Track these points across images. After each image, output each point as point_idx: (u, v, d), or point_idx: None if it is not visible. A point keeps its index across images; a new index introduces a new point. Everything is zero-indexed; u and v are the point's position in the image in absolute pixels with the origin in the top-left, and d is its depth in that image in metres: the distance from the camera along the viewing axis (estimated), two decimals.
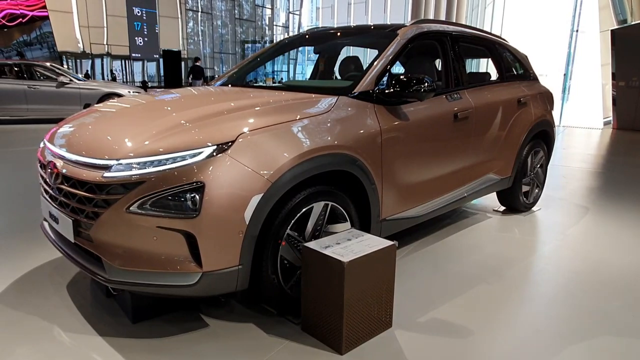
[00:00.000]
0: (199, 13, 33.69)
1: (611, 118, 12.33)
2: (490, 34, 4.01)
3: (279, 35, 42.83)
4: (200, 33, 34.29)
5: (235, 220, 1.99)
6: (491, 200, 4.53)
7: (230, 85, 3.39)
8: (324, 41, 3.81)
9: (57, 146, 2.32)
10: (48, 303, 2.49)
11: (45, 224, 2.64)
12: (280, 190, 2.10)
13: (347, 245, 2.17)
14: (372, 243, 2.21)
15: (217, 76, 35.66)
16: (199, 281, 1.99)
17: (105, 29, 27.15)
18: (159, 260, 1.98)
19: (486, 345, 2.19)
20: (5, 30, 26.00)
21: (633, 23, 12.65)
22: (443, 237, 3.62)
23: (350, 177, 2.49)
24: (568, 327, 2.35)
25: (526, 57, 4.45)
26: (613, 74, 12.24)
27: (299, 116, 2.31)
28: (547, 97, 4.40)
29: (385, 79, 2.83)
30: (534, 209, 4.42)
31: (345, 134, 2.43)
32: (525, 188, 4.21)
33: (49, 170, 2.26)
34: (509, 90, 3.90)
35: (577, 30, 14.98)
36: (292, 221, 2.22)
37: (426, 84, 2.62)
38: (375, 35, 3.31)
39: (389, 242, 2.22)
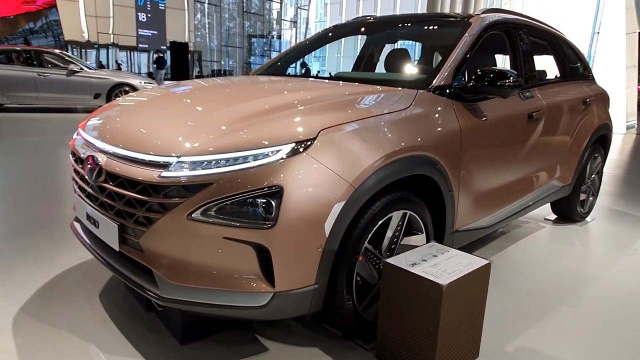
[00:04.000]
0: (207, 5, 33.30)
1: (635, 122, 11.99)
2: (553, 28, 3.69)
3: (287, 30, 42.41)
4: (207, 26, 33.92)
5: (315, 233, 1.68)
6: (541, 207, 4.22)
7: (275, 76, 3.07)
8: (380, 31, 3.48)
9: (98, 138, 2.01)
10: (80, 316, 2.19)
11: (77, 224, 2.34)
12: (363, 198, 1.80)
13: (436, 262, 1.87)
14: (463, 261, 1.90)
15: (223, 70, 35.11)
16: (270, 302, 1.68)
17: (111, 19, 26.80)
18: (224, 276, 1.68)
19: None
20: (12, 17, 25.67)
21: None
22: (500, 250, 3.32)
23: (426, 183, 2.18)
24: None
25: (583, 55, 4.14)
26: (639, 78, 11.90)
27: (381, 111, 2.00)
28: (606, 99, 4.09)
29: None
30: (587, 218, 4.11)
31: (427, 134, 2.12)
32: (582, 196, 3.89)
33: (88, 165, 1.94)
34: (575, 90, 3.58)
35: (598, 32, 14.62)
36: (371, 233, 1.91)
37: (512, 79, 2.31)
38: (443, 25, 2.99)
39: (482, 260, 1.91)
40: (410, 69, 2.87)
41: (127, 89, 10.74)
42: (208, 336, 2.04)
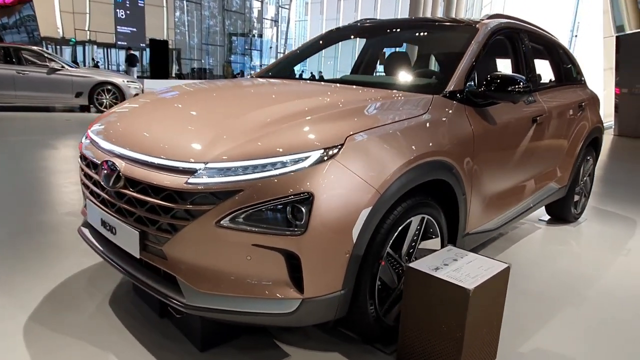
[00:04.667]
0: (186, 2, 32.88)
1: (612, 124, 12.36)
2: (548, 32, 3.77)
3: (267, 29, 42.20)
4: (187, 23, 33.49)
5: (343, 239, 1.69)
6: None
7: (285, 80, 3.05)
8: (383, 34, 3.50)
9: (115, 142, 1.96)
10: (93, 324, 2.14)
11: (85, 230, 2.29)
12: (387, 203, 1.81)
13: (458, 267, 1.89)
14: (483, 264, 1.93)
15: (203, 69, 34.55)
16: (298, 309, 1.68)
17: (87, 15, 26.21)
18: (251, 283, 1.67)
19: None
20: None
21: (636, 30, 12.69)
22: (500, 251, 3.38)
23: (441, 188, 2.20)
24: None
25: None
26: (616, 81, 12.26)
27: (402, 116, 2.02)
28: (597, 103, 4.20)
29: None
30: (579, 219, 4.22)
31: (444, 139, 2.15)
32: (576, 197, 4.00)
33: (104, 171, 1.89)
34: (572, 95, 3.68)
35: (575, 35, 15.02)
36: (393, 238, 1.92)
37: (522, 85, 2.36)
38: (450, 30, 3.02)
39: (502, 264, 1.94)
40: (422, 74, 2.89)
41: (110, 87, 10.53)
42: (228, 342, 2.03)
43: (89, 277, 2.60)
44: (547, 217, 4.19)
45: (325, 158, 1.66)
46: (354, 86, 2.52)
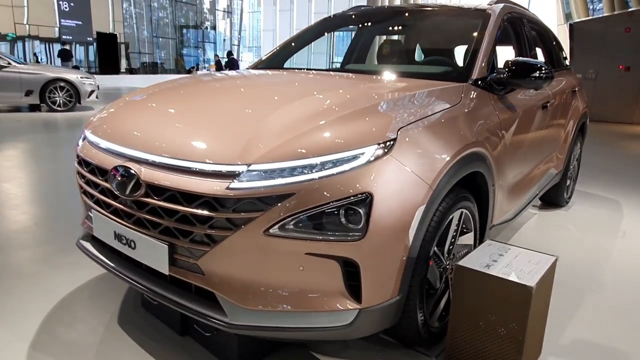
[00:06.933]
0: None
1: None
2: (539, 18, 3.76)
3: (220, 21, 41.17)
4: (134, 15, 32.13)
5: (401, 241, 1.56)
6: None
7: (297, 70, 2.83)
8: (386, 21, 3.35)
9: (128, 144, 1.72)
10: (108, 349, 1.91)
11: (86, 244, 2.04)
12: (438, 199, 1.69)
13: (508, 262, 1.81)
14: (532, 258, 1.86)
15: (154, 63, 33.44)
16: (355, 320, 1.54)
17: (25, 8, 24.61)
18: (304, 296, 1.51)
19: None
20: None
21: (592, 17, 13.21)
22: (504, 239, 3.34)
23: (474, 180, 2.11)
24: None
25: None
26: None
27: (442, 107, 1.90)
28: (582, 88, 4.26)
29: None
30: (570, 203, 4.29)
31: (479, 128, 2.06)
32: (567, 182, 4.05)
33: (117, 177, 1.67)
34: (566, 81, 3.69)
35: None
36: (438, 235, 1.81)
37: (544, 71, 2.29)
38: (461, 16, 2.91)
39: (549, 256, 1.88)
40: (440, 62, 2.79)
41: (63, 84, 9.86)
42: (265, 357, 1.86)
43: (89, 294, 2.34)
44: (539, 203, 4.23)
45: (380, 154, 1.52)
46: (375, 76, 2.38)
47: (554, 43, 3.87)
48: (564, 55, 4.14)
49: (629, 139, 9.56)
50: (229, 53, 21.39)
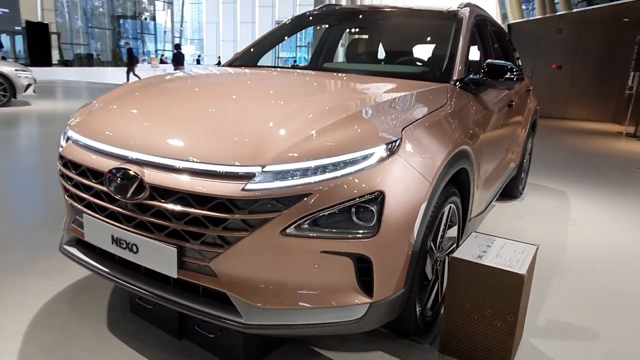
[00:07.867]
0: None
1: None
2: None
3: (160, 12, 39.67)
4: (66, 4, 30.29)
5: (408, 236, 1.64)
6: None
7: (260, 70, 2.84)
8: (358, 21, 3.41)
9: (126, 144, 1.66)
10: (101, 358, 1.85)
11: (72, 249, 1.96)
12: (436, 195, 1.78)
13: (497, 253, 1.94)
14: (517, 248, 2.00)
15: (89, 54, 31.61)
16: (366, 314, 1.60)
17: None
18: (318, 293, 1.55)
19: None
20: None
21: (527, 19, 13.99)
22: (473, 229, 3.54)
23: (458, 176, 2.23)
24: None
25: None
26: None
27: (434, 106, 1.99)
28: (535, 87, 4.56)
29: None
30: (522, 194, 4.59)
31: (464, 126, 2.18)
32: (522, 174, 4.33)
33: (116, 180, 1.61)
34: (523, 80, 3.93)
35: None
36: (434, 230, 1.91)
37: (516, 72, 2.46)
38: (434, 18, 3.01)
39: (531, 246, 2.03)
40: (425, 63, 2.88)
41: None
42: (269, 354, 1.88)
43: (69, 300, 2.24)
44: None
45: (388, 153, 1.58)
46: (370, 76, 2.44)
47: (511, 44, 4.11)
48: (517, 56, 4.40)
49: (562, 133, 10.29)
50: (177, 46, 20.75)
